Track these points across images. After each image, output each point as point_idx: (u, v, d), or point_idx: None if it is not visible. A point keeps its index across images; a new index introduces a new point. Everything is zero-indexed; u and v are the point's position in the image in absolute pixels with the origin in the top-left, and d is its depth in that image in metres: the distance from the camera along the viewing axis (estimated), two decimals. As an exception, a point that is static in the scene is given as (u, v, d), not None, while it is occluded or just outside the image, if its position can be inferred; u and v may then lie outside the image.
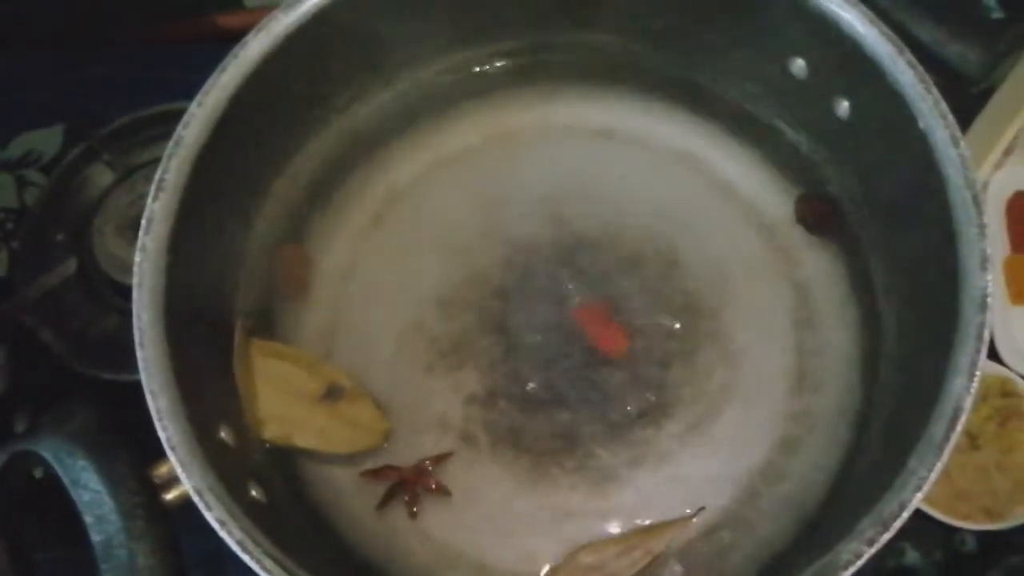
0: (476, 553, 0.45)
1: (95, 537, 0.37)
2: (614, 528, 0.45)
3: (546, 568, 0.44)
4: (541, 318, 0.49)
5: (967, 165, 0.40)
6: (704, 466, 0.46)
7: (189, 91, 0.44)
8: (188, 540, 0.39)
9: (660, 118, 0.53)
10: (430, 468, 0.46)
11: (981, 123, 0.57)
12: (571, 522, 0.45)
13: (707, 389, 0.48)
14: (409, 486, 0.46)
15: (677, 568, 0.44)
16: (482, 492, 0.46)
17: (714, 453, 0.46)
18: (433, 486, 0.46)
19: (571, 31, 0.53)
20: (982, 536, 0.52)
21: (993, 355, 0.54)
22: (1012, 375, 0.54)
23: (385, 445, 0.47)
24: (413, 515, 0.45)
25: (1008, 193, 0.58)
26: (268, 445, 0.46)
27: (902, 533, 0.51)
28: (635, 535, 0.44)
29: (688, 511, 0.45)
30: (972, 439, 0.53)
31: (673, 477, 0.46)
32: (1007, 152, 0.57)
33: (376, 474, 0.46)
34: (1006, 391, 0.54)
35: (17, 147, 0.63)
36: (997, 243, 0.56)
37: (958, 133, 0.41)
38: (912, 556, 0.52)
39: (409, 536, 0.46)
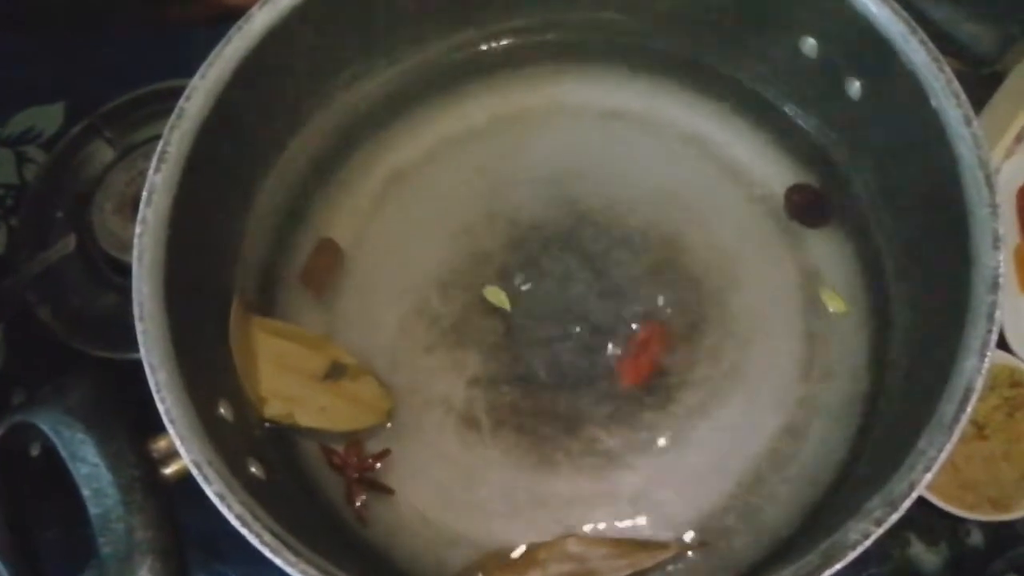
0: (476, 535, 0.45)
1: (93, 510, 0.37)
2: (616, 513, 0.45)
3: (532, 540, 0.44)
4: (544, 299, 0.49)
5: (980, 144, 0.40)
6: (710, 451, 0.46)
7: (191, 69, 0.43)
8: (186, 515, 0.39)
9: (668, 99, 0.53)
10: (375, 464, 0.46)
11: (992, 110, 0.56)
12: (573, 506, 0.45)
13: (713, 373, 0.47)
14: (355, 486, 0.45)
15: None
16: (484, 474, 0.46)
17: (720, 438, 0.46)
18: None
19: (579, 10, 0.53)
20: (988, 527, 0.52)
21: (1002, 344, 0.53)
22: (1021, 364, 0.53)
23: (388, 424, 0.47)
24: (364, 522, 0.45)
25: (1019, 181, 0.57)
26: (269, 423, 0.45)
27: (908, 523, 0.52)
28: (629, 544, 0.44)
29: (691, 533, 0.44)
30: (979, 429, 0.53)
31: (678, 462, 0.46)
32: (1018, 139, 0.56)
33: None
34: (1014, 381, 0.53)
35: (18, 123, 0.63)
36: (1009, 231, 0.56)
37: (971, 112, 0.40)
38: (918, 547, 0.52)
39: (409, 517, 0.45)
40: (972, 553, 0.52)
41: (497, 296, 0.49)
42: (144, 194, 0.41)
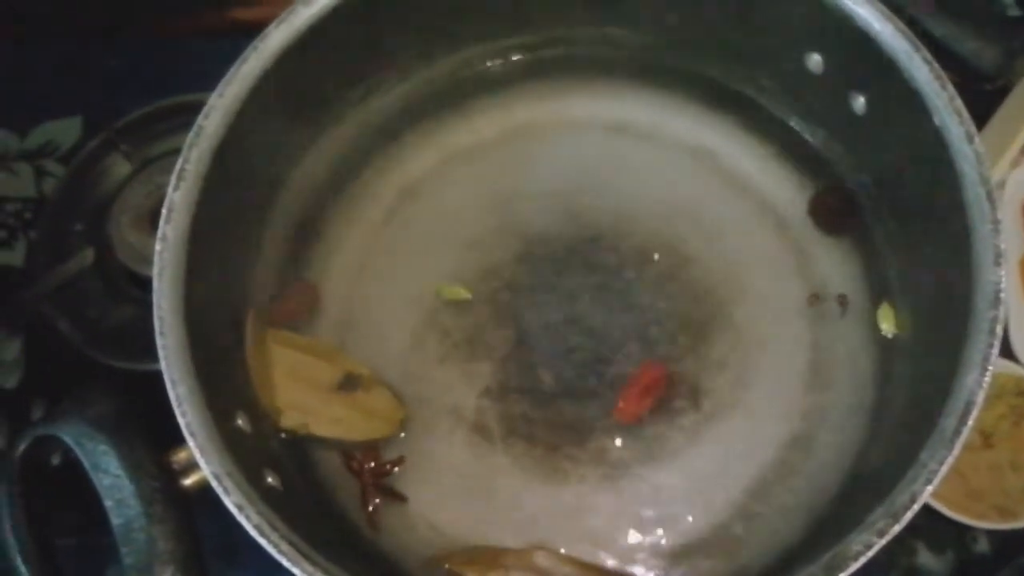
0: (487, 543, 0.45)
1: (115, 521, 0.38)
2: (624, 522, 0.45)
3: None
4: (553, 312, 0.50)
5: (982, 161, 0.40)
6: (716, 460, 0.46)
7: (206, 83, 0.44)
8: (206, 525, 0.39)
9: (674, 113, 0.54)
10: (392, 469, 0.47)
11: (997, 121, 0.56)
12: (582, 515, 0.46)
13: (720, 384, 0.48)
14: (369, 491, 0.46)
15: None
16: (494, 483, 0.47)
17: (726, 448, 0.47)
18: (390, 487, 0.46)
19: (586, 26, 0.53)
20: (995, 535, 0.52)
21: (1008, 354, 0.54)
22: (1026, 374, 0.54)
23: (402, 434, 0.47)
24: (376, 527, 0.46)
25: (1024, 192, 0.57)
26: (285, 434, 0.46)
27: (915, 532, 0.52)
28: (595, 571, 0.44)
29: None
30: (986, 438, 0.53)
31: (685, 472, 0.46)
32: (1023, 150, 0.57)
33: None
34: (1021, 390, 0.54)
35: (36, 137, 0.63)
36: (1014, 242, 0.56)
37: (973, 129, 0.41)
38: (925, 555, 0.52)
39: (421, 525, 0.46)
40: (979, 561, 0.52)
41: (454, 292, 0.49)
42: (164, 211, 0.42)
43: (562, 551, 0.45)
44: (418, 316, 0.50)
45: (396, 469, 0.46)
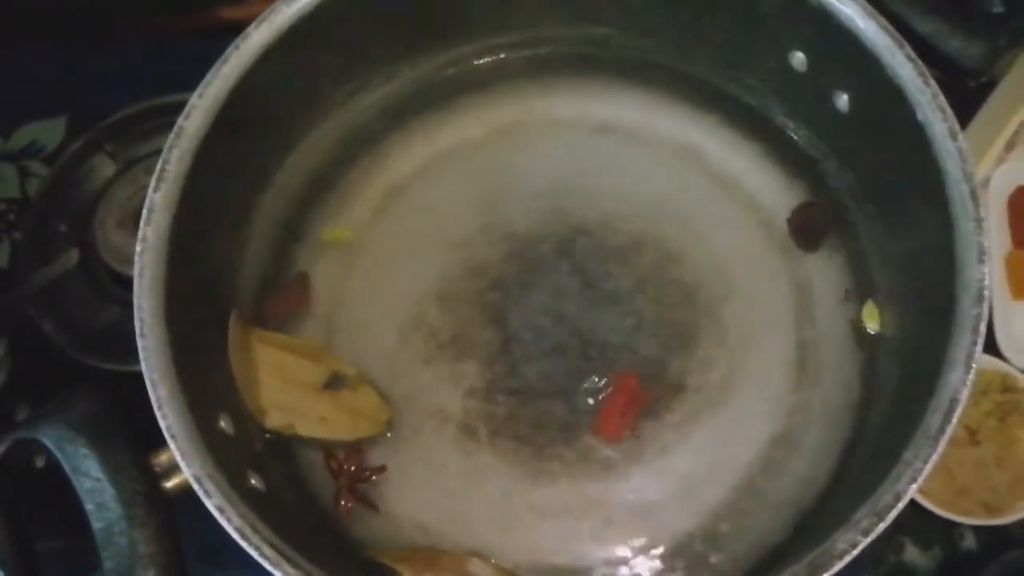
0: (474, 544, 0.45)
1: (96, 524, 0.38)
2: (612, 521, 0.45)
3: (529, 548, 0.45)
4: (540, 311, 0.49)
5: (965, 158, 0.40)
6: (703, 458, 0.46)
7: (191, 83, 0.44)
8: (188, 528, 0.39)
9: (660, 112, 0.53)
10: (370, 477, 0.46)
11: (982, 118, 0.57)
12: (569, 514, 0.46)
13: (706, 382, 0.48)
14: (341, 492, 0.46)
15: None
16: (482, 483, 0.46)
17: (713, 446, 0.47)
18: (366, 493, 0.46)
19: (571, 25, 0.53)
20: (981, 531, 0.52)
21: (994, 350, 0.54)
22: (1013, 370, 0.54)
23: (388, 434, 0.47)
24: (347, 529, 0.46)
25: (1010, 188, 0.57)
26: (269, 435, 0.46)
27: (901, 528, 0.52)
28: None
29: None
30: (972, 434, 0.53)
31: (672, 469, 0.46)
32: (1008, 147, 0.57)
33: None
34: (1007, 386, 0.54)
35: (20, 138, 0.63)
36: (999, 238, 0.56)
37: (956, 126, 0.41)
38: (911, 551, 0.52)
39: (408, 526, 0.46)
40: (965, 557, 0.52)
41: (334, 235, 0.49)
42: (144, 212, 0.41)
43: (493, 561, 0.45)
44: (405, 316, 0.50)
45: (375, 477, 0.46)
